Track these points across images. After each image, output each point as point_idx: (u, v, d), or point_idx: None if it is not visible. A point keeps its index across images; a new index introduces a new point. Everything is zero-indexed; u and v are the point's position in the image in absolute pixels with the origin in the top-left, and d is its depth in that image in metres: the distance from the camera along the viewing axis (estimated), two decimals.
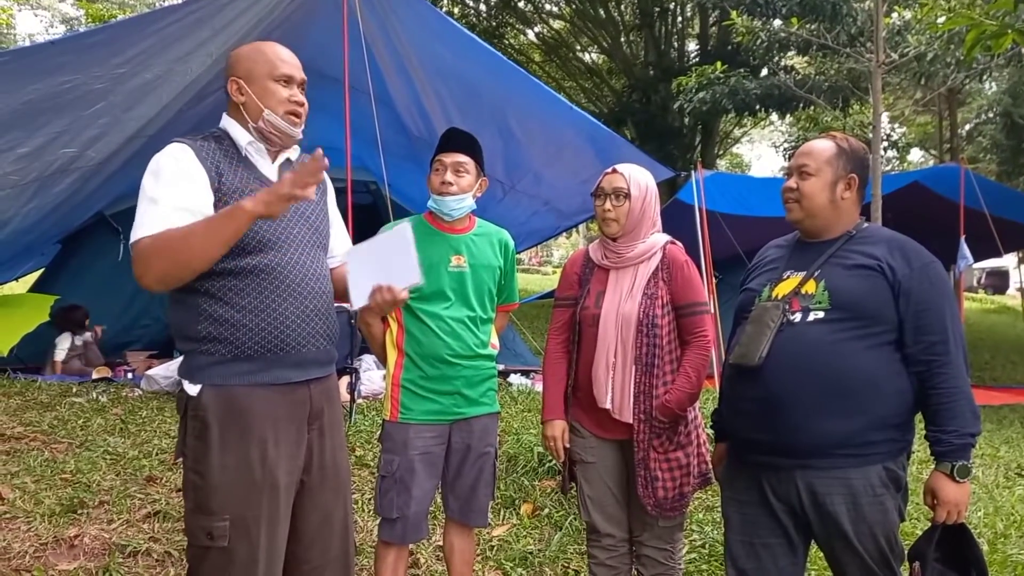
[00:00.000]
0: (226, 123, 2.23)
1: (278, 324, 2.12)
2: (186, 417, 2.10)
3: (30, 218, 6.44)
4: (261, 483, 2.08)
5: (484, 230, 3.02)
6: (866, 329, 2.25)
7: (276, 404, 2.13)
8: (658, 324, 2.76)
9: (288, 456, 2.15)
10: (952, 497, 2.19)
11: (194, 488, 2.08)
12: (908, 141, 26.16)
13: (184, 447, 2.11)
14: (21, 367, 6.87)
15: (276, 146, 2.24)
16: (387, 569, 2.88)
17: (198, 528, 2.06)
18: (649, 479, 2.75)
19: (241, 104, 2.18)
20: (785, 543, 2.41)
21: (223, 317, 2.07)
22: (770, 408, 2.30)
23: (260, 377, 2.11)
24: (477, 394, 2.92)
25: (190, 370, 2.11)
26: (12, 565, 3.15)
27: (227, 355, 2.08)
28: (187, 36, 5.28)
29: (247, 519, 2.06)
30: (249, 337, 2.08)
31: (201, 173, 2.07)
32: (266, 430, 2.10)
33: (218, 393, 2.07)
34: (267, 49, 2.22)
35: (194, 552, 2.10)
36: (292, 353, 2.15)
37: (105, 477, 4.03)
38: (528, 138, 7.39)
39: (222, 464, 2.05)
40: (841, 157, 2.39)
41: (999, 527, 4.13)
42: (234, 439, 2.07)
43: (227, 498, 2.05)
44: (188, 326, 2.10)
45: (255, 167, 2.19)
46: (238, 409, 2.08)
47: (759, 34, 9.98)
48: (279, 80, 2.18)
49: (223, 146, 2.16)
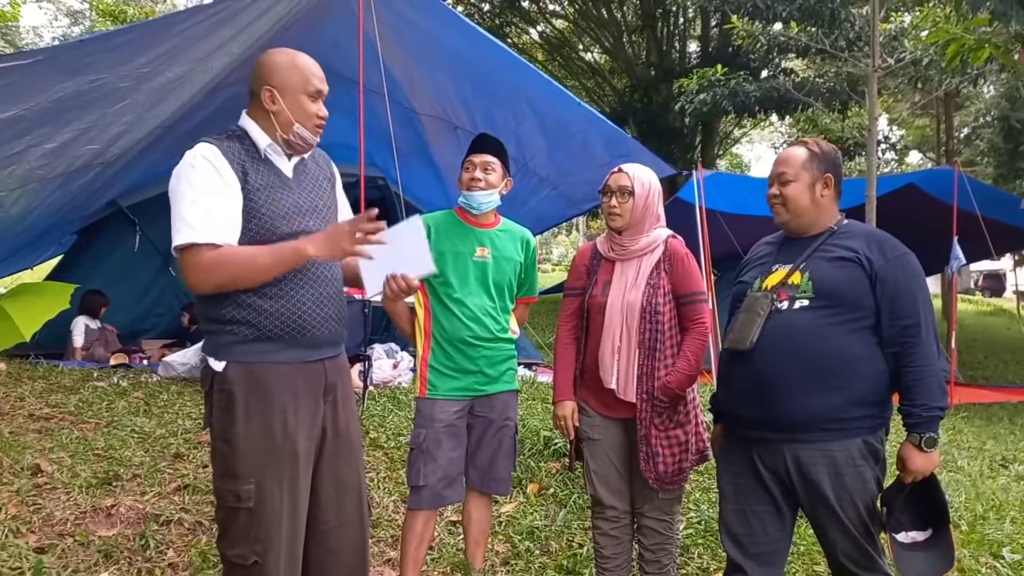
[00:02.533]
0: (246, 123, 2.36)
1: (296, 309, 2.32)
2: (212, 391, 2.29)
3: (50, 209, 6.66)
4: (282, 449, 2.29)
5: (508, 227, 3.32)
6: (846, 315, 2.49)
7: (294, 379, 2.34)
8: (660, 311, 2.99)
9: (306, 424, 2.35)
10: (919, 465, 2.44)
11: (222, 455, 2.28)
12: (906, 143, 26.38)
13: (211, 418, 2.31)
14: (43, 352, 7.08)
15: (296, 151, 2.42)
16: (415, 536, 3.13)
17: (226, 491, 2.26)
18: (650, 454, 2.98)
19: (272, 112, 2.31)
20: (774, 511, 2.65)
21: (247, 302, 2.27)
22: (760, 387, 2.55)
23: (279, 356, 2.31)
24: (497, 373, 3.21)
25: (215, 348, 2.30)
26: (56, 531, 3.39)
27: (250, 336, 2.28)
28: (209, 36, 5.45)
29: (270, 482, 2.26)
30: (270, 320, 2.28)
31: (232, 176, 2.25)
32: (286, 401, 2.30)
33: (242, 368, 2.27)
34: (301, 63, 2.36)
35: (224, 514, 2.29)
36: (308, 335, 2.35)
37: (135, 453, 4.26)
38: (540, 120, 7.59)
39: (247, 432, 2.25)
40: (815, 160, 2.65)
41: (979, 510, 4.38)
42: (257, 409, 2.27)
43: (252, 463, 2.25)
44: (215, 309, 2.28)
45: (274, 165, 2.37)
46: (260, 383, 2.28)
47: (759, 38, 10.20)
48: (311, 95, 2.35)
49: (244, 145, 2.32)
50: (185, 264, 2.20)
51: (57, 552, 3.21)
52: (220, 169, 2.23)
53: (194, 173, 2.22)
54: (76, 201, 6.98)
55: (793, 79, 12.69)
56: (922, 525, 2.52)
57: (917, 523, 2.52)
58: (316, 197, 2.45)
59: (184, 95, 5.96)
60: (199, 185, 2.21)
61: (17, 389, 5.51)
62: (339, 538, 2.49)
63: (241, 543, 2.25)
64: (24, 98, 4.78)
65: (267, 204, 2.29)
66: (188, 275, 2.21)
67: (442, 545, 3.77)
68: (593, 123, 7.74)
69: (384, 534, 3.79)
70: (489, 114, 7.83)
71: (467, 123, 8.06)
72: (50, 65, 5.03)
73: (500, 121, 7.88)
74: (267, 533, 2.26)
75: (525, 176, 8.65)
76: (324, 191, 2.51)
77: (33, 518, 3.43)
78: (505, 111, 7.65)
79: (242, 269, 2.21)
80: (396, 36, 6.73)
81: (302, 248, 2.22)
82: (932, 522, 2.53)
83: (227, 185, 2.23)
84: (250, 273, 2.22)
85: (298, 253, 2.23)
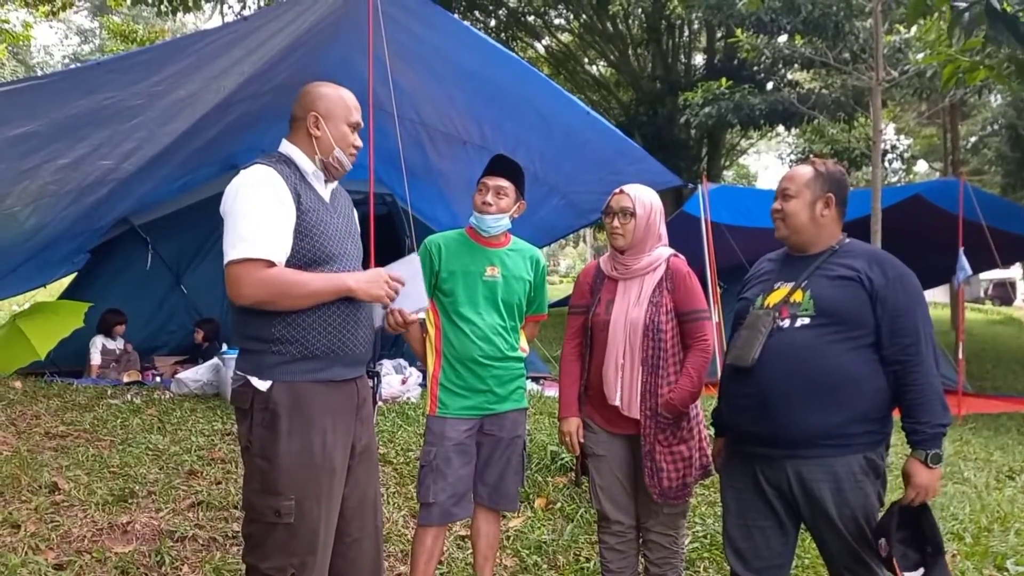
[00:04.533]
0: (289, 150, 2.52)
1: (339, 328, 2.43)
2: (252, 409, 2.37)
3: (63, 224, 6.75)
4: (321, 467, 2.39)
5: (518, 247, 3.38)
6: (847, 333, 2.55)
7: (333, 398, 2.45)
8: (663, 329, 3.05)
9: (342, 442, 2.47)
10: (924, 481, 2.49)
11: (261, 472, 2.36)
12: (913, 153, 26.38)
13: (251, 435, 2.38)
14: (57, 371, 7.17)
15: (332, 176, 2.57)
16: (424, 551, 3.19)
17: (266, 507, 2.34)
18: (655, 470, 3.03)
19: (315, 138, 2.49)
20: (776, 525, 2.70)
21: (296, 321, 2.37)
22: (762, 404, 2.61)
23: (322, 374, 2.41)
24: (507, 391, 3.27)
25: (259, 367, 2.38)
26: (73, 547, 3.46)
27: (297, 355, 2.37)
28: (222, 55, 5.55)
29: (310, 498, 2.36)
30: (316, 339, 2.39)
31: (289, 198, 2.38)
32: (325, 421, 2.41)
33: (287, 388, 2.36)
34: (345, 95, 2.56)
35: (260, 528, 2.36)
36: (348, 353, 2.47)
37: (150, 471, 4.34)
38: (548, 129, 7.64)
39: (288, 450, 2.34)
40: (818, 179, 2.71)
41: (983, 522, 4.41)
42: (299, 429, 2.36)
43: (293, 480, 2.34)
44: (262, 328, 2.37)
45: (316, 190, 2.50)
46: (303, 403, 2.38)
47: (763, 51, 10.28)
48: (351, 125, 2.54)
49: (292, 169, 2.47)
50: (236, 276, 2.29)
51: (75, 569, 3.27)
52: (278, 190, 2.36)
53: (253, 192, 2.34)
54: (88, 216, 7.07)
55: (798, 91, 12.74)
56: (913, 563, 2.54)
57: (908, 561, 2.55)
58: (350, 222, 2.64)
59: (197, 112, 6.04)
60: (258, 204, 2.33)
61: (33, 407, 5.59)
62: (360, 550, 2.60)
63: (278, 556, 2.34)
64: (39, 115, 4.90)
65: (318, 225, 2.43)
66: (239, 287, 2.29)
67: (451, 560, 3.83)
68: (602, 132, 7.79)
69: (394, 549, 3.85)
70: (498, 125, 7.89)
71: (476, 136, 8.13)
72: (65, 84, 5.14)
73: (509, 131, 7.95)
74: (305, 547, 2.36)
75: (535, 185, 8.65)
76: (352, 218, 2.68)
77: (51, 535, 3.50)
78: (514, 121, 7.71)
79: (293, 289, 2.33)
80: (405, 52, 6.80)
81: (348, 282, 2.40)
82: (924, 557, 2.54)
83: (283, 206, 2.36)
84: (299, 296, 2.35)
85: (344, 285, 2.39)
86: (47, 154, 5.42)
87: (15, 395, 5.86)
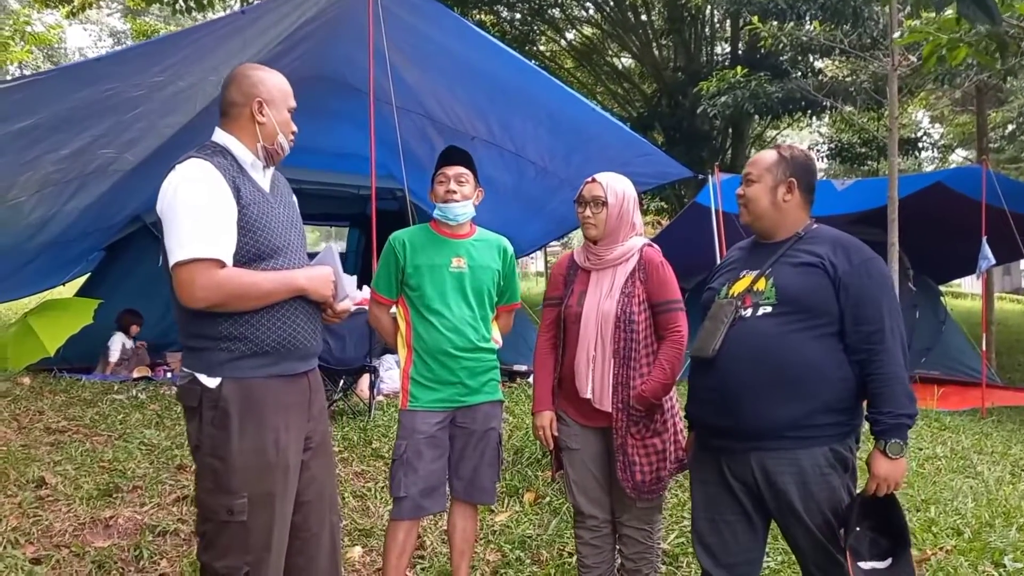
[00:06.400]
0: (225, 139, 2.41)
1: (290, 322, 2.39)
2: (201, 408, 2.32)
3: (69, 217, 6.81)
4: (275, 464, 2.35)
5: (484, 236, 3.34)
6: (810, 321, 2.47)
7: (286, 393, 2.41)
8: (635, 320, 2.98)
9: (296, 439, 2.43)
10: (884, 472, 2.41)
11: (212, 471, 2.31)
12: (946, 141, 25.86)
13: (200, 435, 2.33)
14: (67, 367, 7.26)
15: (272, 162, 2.50)
16: (396, 546, 3.16)
17: (218, 506, 2.30)
18: (627, 464, 2.97)
19: (259, 124, 2.40)
20: (744, 520, 2.63)
21: (244, 318, 2.32)
22: (723, 396, 2.54)
23: (274, 369, 2.37)
24: (479, 384, 3.23)
25: (208, 365, 2.32)
26: (53, 542, 3.48)
27: (247, 351, 2.32)
28: (220, 47, 5.57)
29: (263, 496, 2.32)
30: (265, 335, 2.34)
31: (228, 192, 2.29)
32: (278, 417, 2.37)
33: (237, 385, 2.31)
34: (282, 79, 2.50)
35: (213, 527, 2.33)
36: (299, 347, 2.43)
37: (140, 465, 4.36)
38: (555, 124, 7.62)
39: (241, 449, 2.30)
40: (781, 164, 2.63)
41: (986, 517, 4.28)
42: (251, 426, 2.31)
43: (246, 478, 2.30)
44: (208, 326, 2.31)
45: (255, 181, 2.43)
46: (255, 400, 2.33)
47: (782, 38, 10.08)
48: (290, 111, 2.50)
49: (230, 161, 2.38)
50: (185, 279, 2.20)
51: (51, 563, 3.29)
52: (217, 185, 2.27)
53: (193, 189, 2.25)
54: (96, 212, 7.13)
55: (819, 79, 12.51)
56: (882, 553, 2.47)
57: (878, 550, 2.47)
58: (291, 211, 2.56)
59: (197, 104, 6.06)
60: (199, 201, 2.24)
61: (37, 403, 5.67)
62: (318, 545, 2.56)
63: (232, 555, 2.30)
64: (39, 108, 4.96)
65: (260, 219, 2.35)
66: (189, 290, 2.21)
67: (434, 555, 3.80)
68: (608, 128, 7.74)
69: (378, 543, 3.82)
70: (504, 121, 7.87)
71: (483, 132, 8.11)
72: (64, 78, 5.20)
73: (516, 127, 7.92)
74: (258, 545, 2.32)
75: (544, 179, 8.67)
76: (293, 205, 2.61)
77: (32, 529, 3.53)
78: (521, 117, 7.70)
79: (247, 290, 2.28)
80: (409, 48, 6.80)
81: (300, 281, 2.39)
82: (893, 548, 2.48)
83: (224, 201, 2.28)
84: (253, 297, 2.30)
85: (297, 285, 2.38)
86: (48, 145, 5.49)
87: (21, 391, 5.93)
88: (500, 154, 8.30)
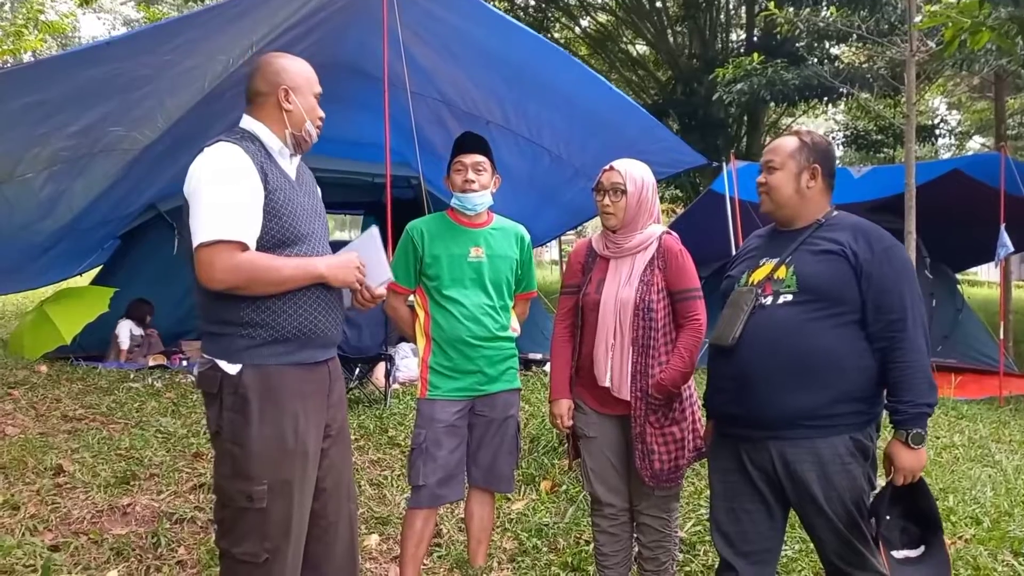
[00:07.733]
0: (254, 126, 2.43)
1: (311, 309, 2.40)
2: (221, 394, 2.32)
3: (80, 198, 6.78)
4: (294, 451, 2.35)
5: (501, 225, 3.32)
6: (831, 310, 2.44)
7: (305, 381, 2.41)
8: (654, 308, 2.96)
9: (315, 427, 2.44)
10: (907, 463, 2.38)
11: (232, 457, 2.32)
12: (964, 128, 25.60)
13: (220, 420, 2.34)
14: (83, 355, 7.29)
15: (300, 149, 2.51)
16: (414, 534, 3.16)
17: (237, 492, 2.31)
18: (646, 452, 2.96)
19: (287, 111, 2.43)
20: (764, 509, 2.61)
21: (265, 304, 2.32)
22: (743, 384, 2.52)
23: (294, 357, 2.37)
24: (497, 372, 3.23)
25: (228, 352, 2.33)
26: (72, 529, 3.51)
27: (268, 338, 2.33)
28: (230, 27, 5.53)
29: (282, 483, 2.33)
30: (287, 322, 2.35)
31: (256, 177, 2.31)
32: (297, 405, 2.37)
33: (257, 372, 2.32)
34: (307, 66, 2.51)
35: (232, 513, 2.33)
36: (319, 336, 2.43)
37: (156, 453, 4.38)
38: (572, 109, 7.55)
39: (260, 435, 2.30)
40: (803, 150, 2.59)
41: (1005, 506, 4.24)
42: (271, 413, 2.32)
43: (265, 465, 2.31)
44: (230, 311, 2.32)
45: (281, 168, 2.44)
46: (274, 386, 2.34)
47: (798, 24, 9.99)
48: (316, 97, 2.51)
49: (258, 146, 2.39)
50: (206, 259, 2.21)
51: (70, 550, 3.31)
52: (245, 169, 2.29)
53: (220, 172, 2.27)
54: (113, 200, 7.13)
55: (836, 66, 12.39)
56: (914, 540, 2.45)
57: (909, 537, 2.45)
58: (316, 200, 2.58)
59: (206, 84, 6.01)
60: (226, 183, 2.26)
61: (55, 391, 5.70)
62: (335, 533, 2.57)
63: (251, 541, 2.30)
64: (49, 86, 4.97)
65: (286, 204, 2.37)
66: (209, 271, 2.21)
67: (451, 542, 3.80)
68: (626, 111, 7.67)
69: (395, 531, 3.82)
70: (520, 106, 7.80)
71: (499, 117, 8.05)
72: (73, 59, 5.20)
73: (532, 113, 7.85)
74: (278, 532, 2.33)
75: (560, 168, 8.62)
76: (317, 195, 2.62)
77: (51, 517, 3.56)
78: (537, 102, 7.64)
79: (266, 275, 2.28)
80: (424, 33, 6.75)
81: (320, 268, 2.38)
82: (924, 534, 2.46)
83: (251, 185, 2.29)
84: (272, 282, 2.30)
85: (316, 271, 2.37)
86: (57, 122, 5.50)
87: (39, 379, 5.97)
88: (516, 140, 8.25)
